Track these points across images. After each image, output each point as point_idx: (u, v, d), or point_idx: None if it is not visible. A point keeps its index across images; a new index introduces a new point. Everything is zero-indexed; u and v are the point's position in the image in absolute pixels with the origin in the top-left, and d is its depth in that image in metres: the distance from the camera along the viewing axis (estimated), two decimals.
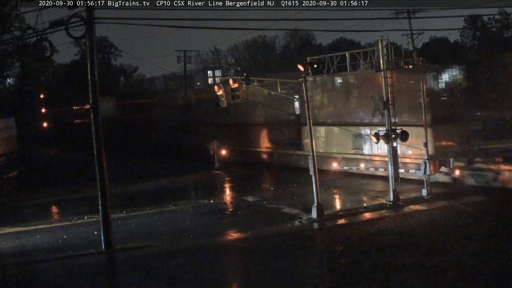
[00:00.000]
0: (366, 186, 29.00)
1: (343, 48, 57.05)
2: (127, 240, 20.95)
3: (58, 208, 29.62)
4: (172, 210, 26.43)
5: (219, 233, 21.99)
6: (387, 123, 24.15)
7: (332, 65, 33.27)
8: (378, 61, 25.16)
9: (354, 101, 32.63)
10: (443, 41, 74.63)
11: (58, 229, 24.03)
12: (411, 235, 19.41)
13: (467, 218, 21.05)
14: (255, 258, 18.41)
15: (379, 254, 17.42)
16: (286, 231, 21.33)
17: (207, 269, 17.34)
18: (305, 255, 18.40)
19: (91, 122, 20.08)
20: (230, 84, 23.51)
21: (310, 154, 23.02)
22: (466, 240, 18.30)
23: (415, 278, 15.05)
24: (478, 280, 14.57)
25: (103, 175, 19.98)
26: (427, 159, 24.47)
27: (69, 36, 19.09)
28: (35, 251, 20.51)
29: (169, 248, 19.97)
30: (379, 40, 24.61)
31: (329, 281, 15.70)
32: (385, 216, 22.48)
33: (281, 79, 27.76)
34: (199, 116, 48.01)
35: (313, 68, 23.98)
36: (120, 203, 27.15)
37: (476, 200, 23.80)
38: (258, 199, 27.51)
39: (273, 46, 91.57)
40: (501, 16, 64.80)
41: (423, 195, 24.49)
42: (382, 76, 24.46)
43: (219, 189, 32.51)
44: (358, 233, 20.23)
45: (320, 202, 22.63)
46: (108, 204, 20.02)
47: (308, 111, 23.19)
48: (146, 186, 34.43)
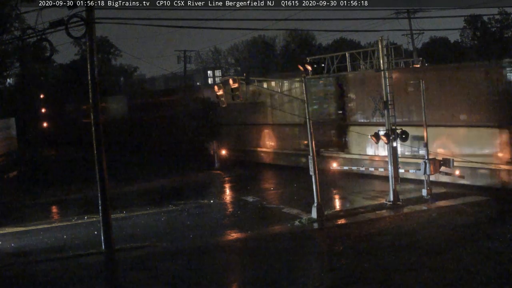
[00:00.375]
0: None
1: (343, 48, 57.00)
2: (127, 240, 20.95)
3: (58, 208, 29.62)
4: (172, 210, 26.43)
5: (219, 233, 21.99)
6: (387, 123, 24.16)
7: (332, 65, 33.29)
8: (378, 61, 25.16)
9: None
10: (443, 41, 74.67)
11: (58, 229, 24.02)
12: (411, 235, 19.42)
13: (467, 218, 21.06)
14: (255, 258, 18.43)
15: (379, 254, 17.43)
16: (286, 231, 21.34)
17: (207, 269, 17.35)
18: (305, 255, 18.40)
19: (91, 121, 20.08)
20: (230, 84, 23.51)
21: (310, 154, 23.02)
22: (466, 240, 18.31)
23: (415, 278, 15.06)
24: (478, 280, 14.58)
25: (103, 175, 19.97)
26: (427, 159, 24.47)
27: (69, 36, 19.10)
28: (35, 251, 20.50)
29: (169, 248, 19.97)
30: (379, 40, 24.62)
31: (329, 281, 15.71)
32: (385, 216, 22.49)
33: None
34: (227, 116, 42.73)
35: (313, 68, 23.98)
36: (120, 203, 27.14)
37: (476, 200, 23.80)
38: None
39: (273, 46, 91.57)
40: (501, 16, 64.76)
41: (423, 195, 24.49)
42: (382, 76, 24.48)
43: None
44: (358, 233, 20.25)
45: (320, 202, 22.63)
46: (108, 204, 20.02)
47: (308, 111, 23.20)
48: (146, 186, 34.40)
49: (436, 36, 75.43)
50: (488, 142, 25.77)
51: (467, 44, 73.57)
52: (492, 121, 25.52)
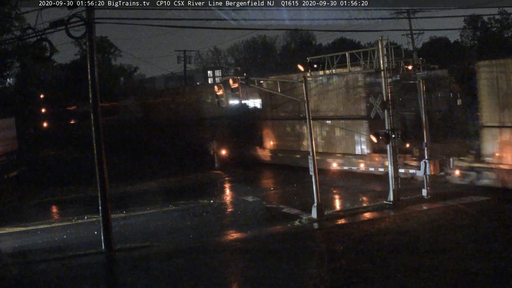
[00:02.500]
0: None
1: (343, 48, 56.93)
2: (127, 240, 20.96)
3: (58, 208, 29.61)
4: (172, 210, 26.43)
5: (219, 233, 22.00)
6: (387, 123, 24.15)
7: (332, 65, 33.19)
8: (378, 61, 25.13)
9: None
10: (443, 41, 74.64)
11: (58, 229, 24.02)
12: (411, 235, 19.41)
13: (467, 218, 21.06)
14: (255, 258, 18.43)
15: (379, 254, 17.43)
16: (286, 231, 21.34)
17: (207, 269, 17.34)
18: (305, 255, 18.40)
19: (91, 122, 20.07)
20: (230, 84, 23.51)
21: (310, 154, 23.03)
22: (466, 240, 18.30)
23: (415, 278, 15.06)
24: (478, 280, 14.58)
25: (103, 175, 19.97)
26: (427, 159, 24.46)
27: (69, 36, 19.09)
28: (35, 251, 20.51)
29: (169, 248, 19.97)
30: (379, 40, 24.62)
31: (329, 281, 15.71)
32: (385, 216, 22.49)
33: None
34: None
35: (313, 68, 23.99)
36: (120, 203, 27.14)
37: (476, 200, 23.79)
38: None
39: (273, 46, 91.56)
40: (501, 16, 64.75)
41: (423, 195, 24.48)
42: (382, 76, 24.47)
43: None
44: (358, 233, 20.24)
45: (320, 202, 22.63)
46: (108, 204, 20.02)
47: (308, 110, 23.19)
48: (146, 186, 34.38)
49: (436, 36, 75.44)
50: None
51: (467, 44, 73.56)
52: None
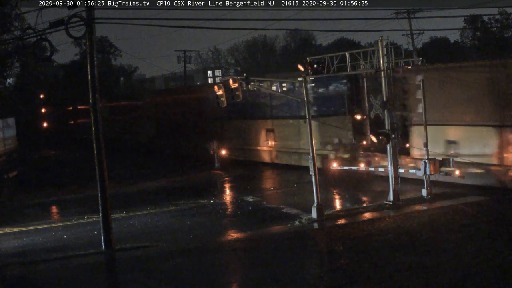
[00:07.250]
0: None
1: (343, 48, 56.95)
2: (127, 240, 20.95)
3: (58, 208, 29.62)
4: (172, 210, 26.42)
5: (219, 233, 21.99)
6: (387, 123, 24.16)
7: (332, 65, 33.22)
8: (378, 61, 25.14)
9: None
10: (443, 41, 74.69)
11: (58, 229, 24.02)
12: (411, 235, 19.40)
13: (467, 218, 21.05)
14: (255, 258, 18.43)
15: (379, 254, 17.43)
16: (286, 231, 21.34)
17: (207, 269, 17.35)
18: (305, 255, 18.41)
19: (91, 121, 20.08)
20: (230, 84, 23.49)
21: (310, 154, 23.02)
22: (466, 240, 18.29)
23: (415, 278, 15.05)
24: (478, 280, 14.58)
25: (103, 175, 19.98)
26: (427, 159, 24.46)
27: (69, 36, 19.08)
28: (35, 251, 20.51)
29: (169, 248, 19.96)
30: (379, 40, 24.61)
31: (329, 281, 15.70)
32: (385, 216, 22.48)
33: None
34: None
35: (313, 68, 23.97)
36: (120, 203, 27.13)
37: (476, 200, 23.78)
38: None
39: (273, 46, 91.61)
40: (501, 16, 64.78)
41: (423, 195, 24.47)
42: (382, 76, 24.46)
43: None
44: (358, 233, 20.24)
45: (320, 202, 22.62)
46: (108, 204, 20.02)
47: (308, 110, 23.18)
48: (146, 186, 34.41)
49: (436, 36, 75.49)
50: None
51: (467, 44, 73.61)
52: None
